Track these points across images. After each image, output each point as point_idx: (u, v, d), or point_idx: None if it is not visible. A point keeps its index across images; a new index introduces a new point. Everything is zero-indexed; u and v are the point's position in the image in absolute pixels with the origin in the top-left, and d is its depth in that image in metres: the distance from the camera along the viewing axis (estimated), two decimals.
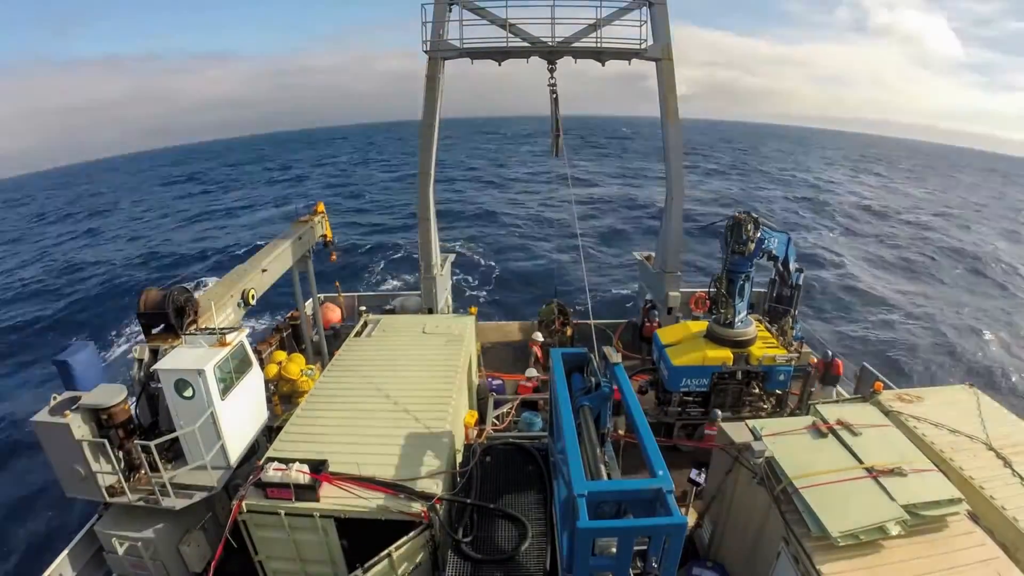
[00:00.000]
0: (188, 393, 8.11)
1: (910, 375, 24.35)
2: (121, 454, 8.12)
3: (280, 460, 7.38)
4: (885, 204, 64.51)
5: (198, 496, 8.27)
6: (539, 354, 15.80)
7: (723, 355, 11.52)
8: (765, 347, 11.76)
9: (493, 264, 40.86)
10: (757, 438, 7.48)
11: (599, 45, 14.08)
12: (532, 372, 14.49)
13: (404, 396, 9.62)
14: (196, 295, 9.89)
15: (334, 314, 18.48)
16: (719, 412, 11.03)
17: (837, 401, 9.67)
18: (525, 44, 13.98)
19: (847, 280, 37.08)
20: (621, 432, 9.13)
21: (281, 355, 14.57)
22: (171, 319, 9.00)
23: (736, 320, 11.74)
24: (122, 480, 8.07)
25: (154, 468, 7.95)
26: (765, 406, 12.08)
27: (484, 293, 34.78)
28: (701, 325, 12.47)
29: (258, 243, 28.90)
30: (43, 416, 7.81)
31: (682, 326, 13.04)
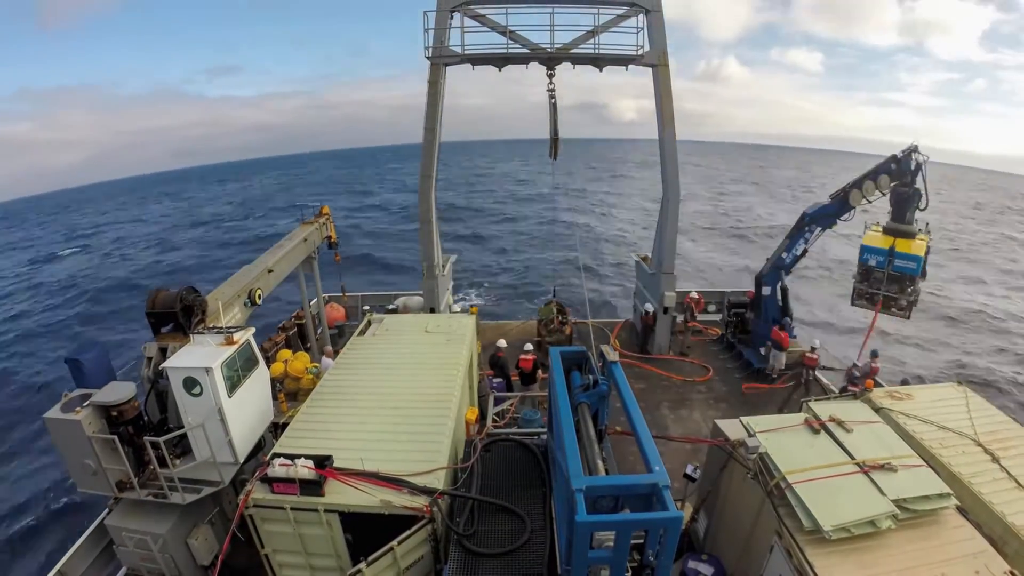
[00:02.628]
0: (196, 390, 8.11)
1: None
2: (130, 450, 8.12)
3: (286, 456, 7.36)
4: None
5: (206, 491, 8.27)
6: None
7: None
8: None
9: (493, 264, 40.90)
10: (751, 434, 7.49)
11: (597, 51, 14.11)
12: (530, 346, 14.31)
13: (406, 393, 9.60)
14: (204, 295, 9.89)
15: (338, 313, 18.50)
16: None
17: (829, 398, 9.67)
18: (525, 50, 14.00)
19: None
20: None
21: (287, 353, 14.59)
22: (180, 318, 9.00)
23: None
24: (131, 475, 8.07)
25: (163, 464, 7.95)
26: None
27: (485, 292, 34.81)
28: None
29: None
30: (55, 413, 7.82)
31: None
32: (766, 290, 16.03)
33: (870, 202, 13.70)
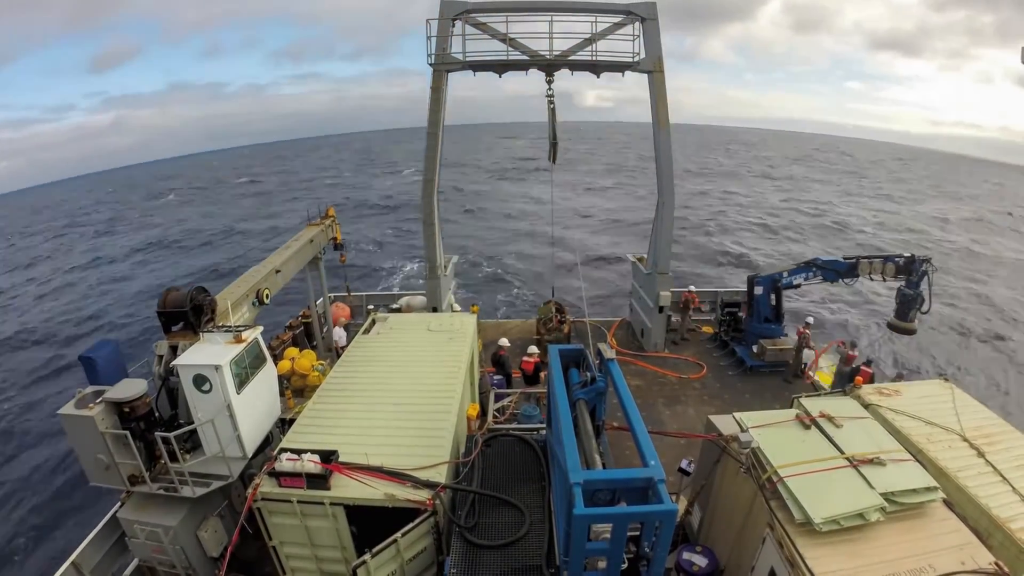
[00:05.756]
0: (206, 387, 8.12)
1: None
2: (142, 445, 8.13)
3: (293, 451, 7.37)
4: None
5: (215, 485, 8.28)
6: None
7: None
8: None
9: (493, 265, 40.92)
10: (744, 430, 7.49)
11: (594, 58, 14.11)
12: (534, 349, 14.31)
13: (410, 390, 9.61)
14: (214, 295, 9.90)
15: (343, 312, 18.51)
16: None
17: (819, 395, 9.66)
18: (524, 57, 13.99)
19: None
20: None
21: (293, 351, 14.59)
22: (189, 317, 9.00)
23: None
24: (143, 470, 8.08)
25: (174, 458, 7.95)
26: None
27: (485, 293, 34.78)
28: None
29: None
30: (69, 409, 7.82)
31: None
32: (758, 290, 16.04)
33: (871, 279, 14.48)
